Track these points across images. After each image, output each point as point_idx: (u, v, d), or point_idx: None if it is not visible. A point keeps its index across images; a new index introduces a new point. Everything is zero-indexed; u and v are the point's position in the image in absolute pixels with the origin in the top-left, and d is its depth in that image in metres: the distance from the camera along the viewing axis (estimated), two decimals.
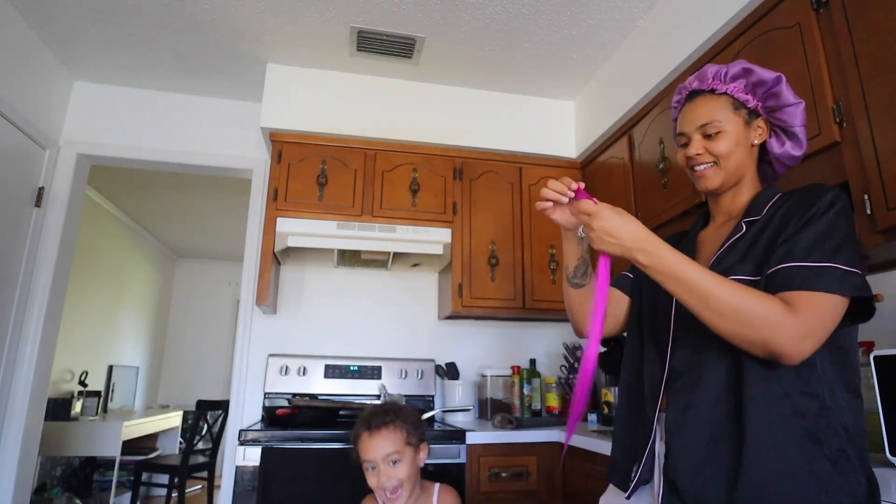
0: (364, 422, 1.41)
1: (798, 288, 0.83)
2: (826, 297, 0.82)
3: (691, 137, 1.03)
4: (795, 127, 1.00)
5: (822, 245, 0.84)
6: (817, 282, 0.82)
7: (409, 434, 1.40)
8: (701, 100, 1.03)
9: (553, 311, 2.53)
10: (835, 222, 0.86)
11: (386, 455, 1.36)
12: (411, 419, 1.44)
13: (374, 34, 2.30)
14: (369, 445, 1.38)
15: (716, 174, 1.02)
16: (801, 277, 0.83)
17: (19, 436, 2.27)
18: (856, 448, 0.84)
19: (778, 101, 0.99)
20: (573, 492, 1.93)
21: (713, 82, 1.03)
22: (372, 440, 1.38)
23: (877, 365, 1.15)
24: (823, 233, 0.85)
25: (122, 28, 2.28)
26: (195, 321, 6.20)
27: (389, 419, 1.40)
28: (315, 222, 2.35)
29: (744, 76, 1.00)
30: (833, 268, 0.82)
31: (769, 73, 0.99)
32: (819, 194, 0.89)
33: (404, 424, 1.41)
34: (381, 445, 1.37)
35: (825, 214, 0.87)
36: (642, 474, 0.99)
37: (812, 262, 0.83)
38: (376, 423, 1.39)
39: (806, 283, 0.82)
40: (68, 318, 3.74)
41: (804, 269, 0.83)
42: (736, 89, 1.00)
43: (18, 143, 2.32)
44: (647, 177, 2.09)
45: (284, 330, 2.60)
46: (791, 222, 0.89)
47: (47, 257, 2.45)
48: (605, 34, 2.27)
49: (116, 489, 4.08)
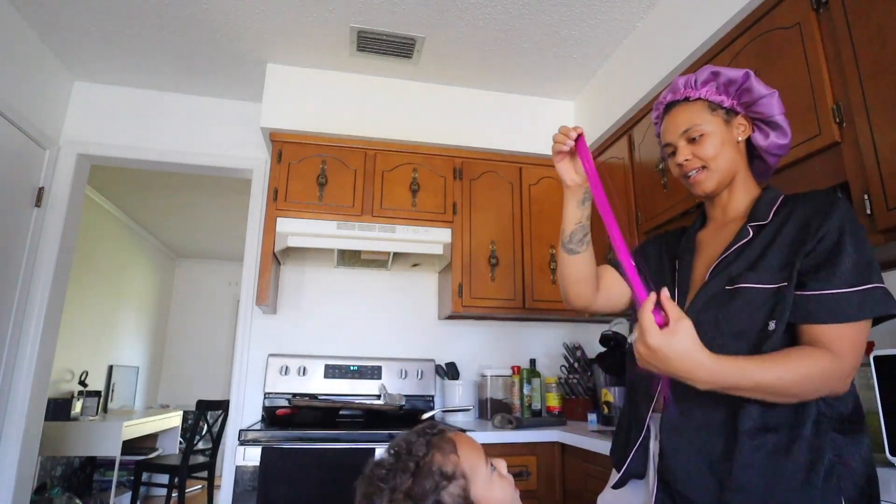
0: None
1: (832, 321, 0.84)
2: (858, 325, 0.84)
3: (677, 146, 1.05)
4: (775, 116, 1.02)
5: (858, 267, 0.85)
6: (846, 311, 0.83)
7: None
8: (678, 109, 1.06)
9: (553, 311, 2.53)
10: (856, 240, 0.87)
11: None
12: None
13: (374, 34, 2.29)
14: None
15: (709, 177, 1.03)
16: (836, 310, 0.84)
17: (19, 436, 2.27)
18: (851, 457, 0.85)
19: (751, 95, 1.02)
20: (573, 492, 1.93)
21: (685, 91, 1.06)
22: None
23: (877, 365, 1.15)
24: (854, 254, 0.86)
25: (122, 28, 2.28)
26: (195, 321, 6.19)
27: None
28: (315, 222, 2.35)
29: (713, 79, 1.04)
30: (865, 291, 0.84)
31: (736, 71, 1.02)
32: (833, 205, 0.90)
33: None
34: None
35: (846, 235, 0.87)
36: (631, 469, 1.02)
37: (845, 289, 0.84)
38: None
39: (841, 315, 0.84)
40: (68, 318, 3.74)
41: (837, 298, 0.84)
42: (708, 92, 1.04)
43: (18, 143, 2.32)
44: (647, 177, 2.09)
45: (284, 330, 2.60)
46: (811, 236, 0.89)
47: (47, 257, 2.45)
48: (605, 34, 2.27)
49: (116, 489, 4.08)
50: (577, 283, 1.13)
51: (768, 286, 0.89)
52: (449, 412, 2.41)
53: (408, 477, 0.78)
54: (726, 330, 0.92)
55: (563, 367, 2.68)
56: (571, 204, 1.08)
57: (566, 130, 1.01)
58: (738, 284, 0.92)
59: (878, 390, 1.14)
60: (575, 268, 1.12)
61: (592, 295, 1.15)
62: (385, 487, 0.78)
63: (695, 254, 1.07)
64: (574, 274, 1.13)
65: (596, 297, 1.16)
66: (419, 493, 0.77)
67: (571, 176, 1.06)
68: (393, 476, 0.79)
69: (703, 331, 0.94)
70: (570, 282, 1.14)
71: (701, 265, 1.03)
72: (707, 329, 0.93)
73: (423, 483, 0.77)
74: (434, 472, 0.78)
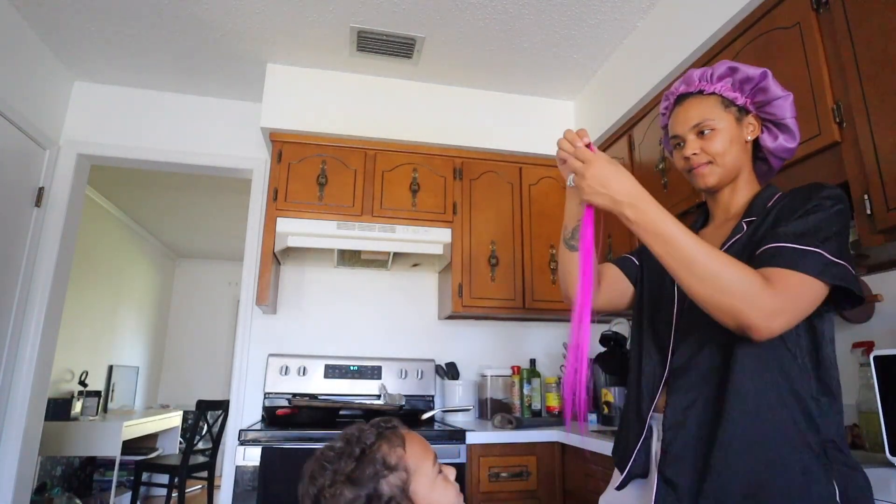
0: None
1: (780, 266, 0.83)
2: (805, 278, 0.81)
3: (686, 139, 1.05)
4: (787, 119, 1.01)
5: (814, 233, 0.84)
6: (800, 263, 0.82)
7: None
8: (690, 102, 1.05)
9: (553, 311, 2.53)
10: (830, 217, 0.86)
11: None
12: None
13: (374, 34, 2.30)
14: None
15: (712, 171, 1.03)
16: (786, 256, 0.83)
17: (19, 436, 2.27)
18: (837, 446, 0.85)
19: (766, 95, 1.01)
20: (573, 492, 1.93)
21: (700, 84, 1.04)
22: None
23: (877, 365, 1.16)
24: (817, 223, 0.85)
25: (122, 28, 2.28)
26: (195, 321, 6.19)
27: None
28: (315, 222, 2.35)
29: (730, 75, 1.02)
30: (819, 253, 0.82)
31: (755, 69, 1.01)
32: (819, 190, 0.90)
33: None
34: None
35: (822, 208, 0.87)
36: (633, 470, 1.02)
37: (799, 245, 0.84)
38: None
39: (789, 262, 0.82)
40: (68, 318, 3.74)
41: (790, 250, 0.84)
42: (723, 88, 1.02)
43: (18, 143, 2.32)
44: (647, 177, 2.09)
45: (284, 330, 2.60)
46: (786, 215, 0.90)
47: (47, 257, 2.45)
48: (605, 34, 2.27)
49: (116, 489, 4.08)
50: (577, 277, 1.14)
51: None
52: (449, 412, 2.41)
53: (352, 461, 0.81)
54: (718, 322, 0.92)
55: (563, 367, 2.68)
56: (573, 202, 1.10)
57: (572, 137, 0.99)
58: None
59: (878, 390, 1.14)
60: (575, 264, 1.12)
61: (593, 291, 1.16)
62: (329, 468, 0.81)
63: None
64: (575, 270, 1.13)
65: (597, 293, 1.17)
66: (359, 477, 0.80)
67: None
68: (338, 459, 0.82)
69: (700, 327, 0.94)
70: (572, 276, 1.15)
71: None
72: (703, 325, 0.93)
73: (365, 469, 0.80)
74: (377, 459, 0.81)
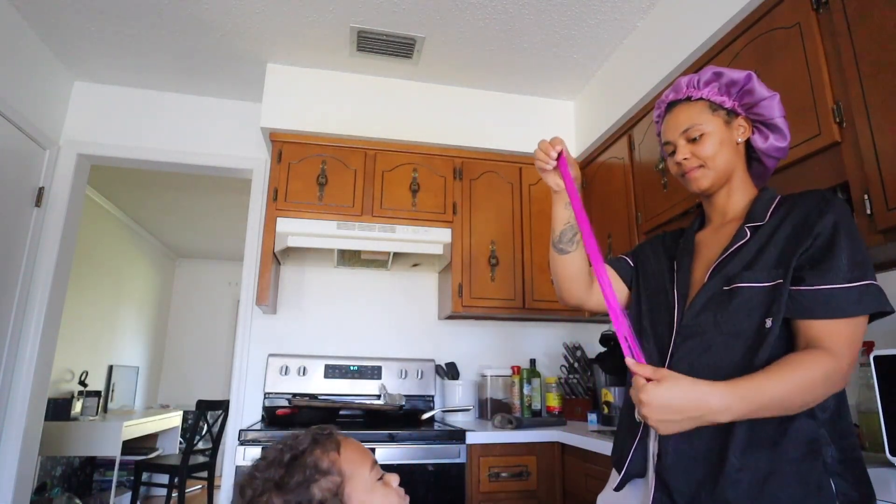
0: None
1: (826, 316, 0.84)
2: (850, 321, 0.84)
3: (677, 144, 1.07)
4: (775, 119, 1.03)
5: (854, 263, 0.85)
6: (846, 307, 0.84)
7: None
8: (679, 108, 1.08)
9: (553, 311, 2.53)
10: (853, 232, 0.88)
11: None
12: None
13: (374, 34, 2.30)
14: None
15: (704, 174, 1.05)
16: (832, 305, 0.84)
17: (19, 436, 2.27)
18: (848, 455, 0.85)
19: (753, 97, 1.03)
20: (573, 492, 1.93)
21: (688, 90, 1.07)
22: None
23: (877, 365, 1.16)
24: (849, 251, 0.86)
25: (122, 28, 2.28)
26: (195, 321, 6.19)
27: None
28: (315, 222, 2.35)
29: (715, 79, 1.05)
30: (868, 285, 0.84)
31: (739, 72, 1.03)
32: (828, 203, 0.91)
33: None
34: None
35: (841, 232, 0.87)
36: (630, 470, 1.02)
37: (845, 284, 0.84)
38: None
39: (836, 310, 0.84)
40: (68, 318, 3.74)
41: (840, 292, 0.84)
42: (710, 93, 1.05)
43: (18, 143, 2.32)
44: (647, 177, 2.08)
45: (284, 330, 2.60)
46: (806, 233, 0.90)
47: (47, 257, 2.45)
48: (605, 34, 2.27)
49: (116, 489, 4.08)
50: (569, 280, 1.19)
51: (764, 284, 0.90)
52: (449, 412, 2.41)
53: (281, 469, 0.79)
54: (725, 330, 0.92)
55: (563, 367, 2.68)
56: (559, 206, 1.14)
57: (546, 148, 1.07)
58: (734, 284, 0.93)
59: (878, 390, 1.14)
60: (566, 266, 1.17)
61: (585, 292, 1.20)
62: (259, 477, 0.79)
63: (693, 255, 1.08)
64: (565, 272, 1.18)
65: (590, 294, 1.21)
66: (286, 483, 0.78)
67: (557, 182, 1.11)
68: (268, 467, 0.80)
69: (703, 332, 0.94)
70: (563, 279, 1.19)
71: (700, 267, 1.04)
72: (706, 329, 0.94)
73: (294, 475, 0.79)
74: (308, 465, 0.79)
